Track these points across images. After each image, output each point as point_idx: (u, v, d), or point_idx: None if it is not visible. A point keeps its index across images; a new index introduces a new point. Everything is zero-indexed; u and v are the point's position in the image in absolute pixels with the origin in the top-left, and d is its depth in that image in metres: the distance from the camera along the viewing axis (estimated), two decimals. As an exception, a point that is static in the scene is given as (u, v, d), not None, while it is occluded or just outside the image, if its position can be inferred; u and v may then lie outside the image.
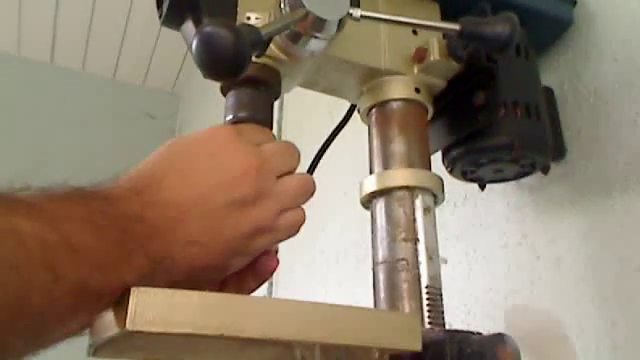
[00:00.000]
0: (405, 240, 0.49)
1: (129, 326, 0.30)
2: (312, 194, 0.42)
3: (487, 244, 0.74)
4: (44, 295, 0.28)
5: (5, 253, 0.27)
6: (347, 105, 0.64)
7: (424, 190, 0.51)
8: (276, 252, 0.43)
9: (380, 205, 0.52)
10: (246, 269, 0.40)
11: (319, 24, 0.44)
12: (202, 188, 0.36)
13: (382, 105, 0.55)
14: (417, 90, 0.55)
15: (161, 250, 0.33)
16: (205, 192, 0.36)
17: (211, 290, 0.40)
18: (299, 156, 0.43)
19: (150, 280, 0.33)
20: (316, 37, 0.45)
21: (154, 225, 0.34)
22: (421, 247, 0.49)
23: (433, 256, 0.49)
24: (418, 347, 0.38)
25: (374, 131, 0.56)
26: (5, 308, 0.27)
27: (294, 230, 0.41)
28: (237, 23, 0.43)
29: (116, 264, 0.31)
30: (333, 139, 0.64)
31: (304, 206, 0.42)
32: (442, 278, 0.50)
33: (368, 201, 0.54)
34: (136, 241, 0.32)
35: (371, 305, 0.50)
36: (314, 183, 0.42)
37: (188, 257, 0.35)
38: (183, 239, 0.34)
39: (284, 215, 0.40)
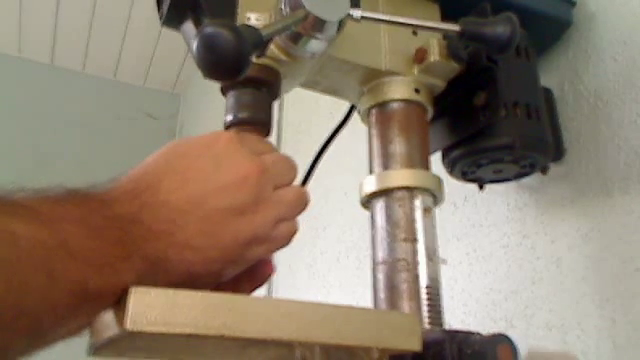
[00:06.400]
0: (405, 240, 0.49)
1: (129, 326, 0.30)
2: (306, 206, 0.42)
3: (487, 244, 0.74)
4: (42, 296, 0.28)
5: (1, 255, 0.27)
6: (348, 105, 0.64)
7: (424, 190, 0.51)
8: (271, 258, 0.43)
9: (380, 205, 0.52)
10: (242, 274, 0.40)
11: (319, 25, 0.44)
12: (202, 191, 0.36)
13: (382, 105, 0.55)
14: (417, 91, 0.55)
15: (158, 252, 0.33)
16: (204, 195, 0.36)
17: None
18: (296, 170, 0.43)
19: (149, 281, 0.32)
20: (316, 38, 0.45)
21: (151, 227, 0.33)
22: (420, 247, 0.49)
23: (433, 256, 0.49)
24: (418, 347, 0.38)
25: (374, 131, 0.56)
26: (3, 309, 0.27)
27: (287, 241, 0.41)
28: (237, 24, 0.43)
29: (114, 264, 0.31)
30: (332, 139, 0.64)
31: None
32: (442, 278, 0.50)
33: (368, 201, 0.54)
34: (133, 242, 0.32)
35: (371, 305, 0.50)
36: (309, 196, 0.43)
37: (185, 261, 0.34)
38: (180, 242, 0.34)
39: (280, 225, 0.39)
